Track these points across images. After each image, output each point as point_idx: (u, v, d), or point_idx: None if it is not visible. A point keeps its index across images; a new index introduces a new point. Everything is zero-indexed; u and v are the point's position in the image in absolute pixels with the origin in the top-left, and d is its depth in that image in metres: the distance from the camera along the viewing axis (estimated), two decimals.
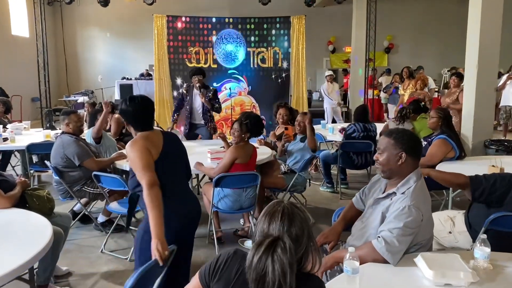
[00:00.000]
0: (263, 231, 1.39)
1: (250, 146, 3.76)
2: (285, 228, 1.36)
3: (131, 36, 14.18)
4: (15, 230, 2.42)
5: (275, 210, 1.42)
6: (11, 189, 2.90)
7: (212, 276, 1.52)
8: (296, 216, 1.40)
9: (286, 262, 1.26)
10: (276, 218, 1.38)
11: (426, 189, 2.10)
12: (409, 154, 2.04)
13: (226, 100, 9.14)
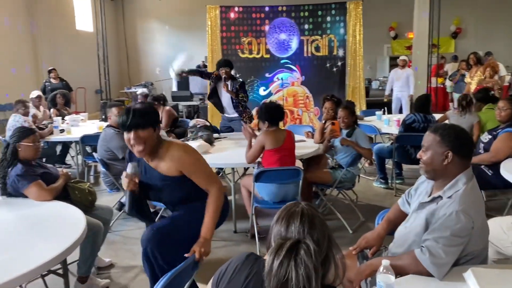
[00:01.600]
0: (280, 234, 1.26)
1: (281, 132, 3.64)
2: (305, 230, 1.23)
3: (188, 28, 14.37)
4: (51, 223, 2.45)
5: (293, 211, 1.28)
6: (54, 182, 2.96)
7: (221, 281, 1.41)
8: (316, 218, 1.27)
9: (311, 266, 1.13)
10: (295, 220, 1.25)
11: (479, 192, 1.83)
12: (457, 153, 1.79)
13: (278, 91, 8.98)
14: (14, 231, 2.33)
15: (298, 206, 1.30)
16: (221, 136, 4.86)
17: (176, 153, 2.38)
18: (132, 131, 2.27)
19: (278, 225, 1.29)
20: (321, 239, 1.23)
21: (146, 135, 2.29)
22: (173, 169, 2.38)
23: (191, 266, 1.95)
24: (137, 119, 2.27)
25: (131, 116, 2.27)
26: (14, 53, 10.01)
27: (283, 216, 1.29)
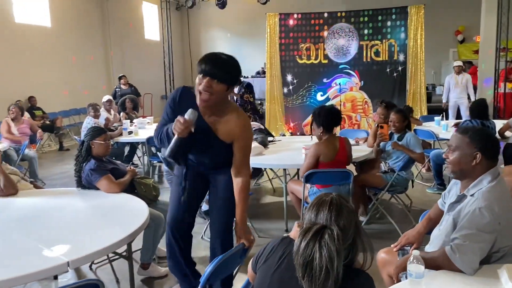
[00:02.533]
0: (310, 220, 1.41)
1: (335, 141, 3.58)
2: (332, 218, 1.36)
3: (248, 35, 14.75)
4: (118, 212, 2.73)
5: (323, 200, 1.42)
6: (122, 177, 3.27)
7: (259, 261, 1.58)
8: (343, 207, 1.39)
9: (333, 248, 1.26)
10: (324, 208, 1.39)
11: (506, 189, 1.85)
12: (485, 154, 1.83)
13: (336, 96, 9.01)
14: (86, 218, 2.65)
15: (328, 196, 1.43)
16: (275, 139, 5.03)
17: (244, 122, 2.34)
18: (207, 77, 2.12)
19: (309, 212, 1.43)
20: (347, 226, 1.35)
21: (218, 88, 2.14)
22: (231, 133, 2.30)
23: (239, 253, 2.12)
24: (217, 69, 2.12)
25: (213, 64, 2.13)
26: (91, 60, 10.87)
27: (314, 204, 1.43)
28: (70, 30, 10.23)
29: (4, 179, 2.96)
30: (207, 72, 2.12)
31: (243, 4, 13.02)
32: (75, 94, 10.17)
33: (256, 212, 4.71)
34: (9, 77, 8.43)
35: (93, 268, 3.42)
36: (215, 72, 2.12)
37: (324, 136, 3.56)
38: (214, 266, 1.84)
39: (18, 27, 8.70)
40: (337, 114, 3.60)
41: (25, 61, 8.81)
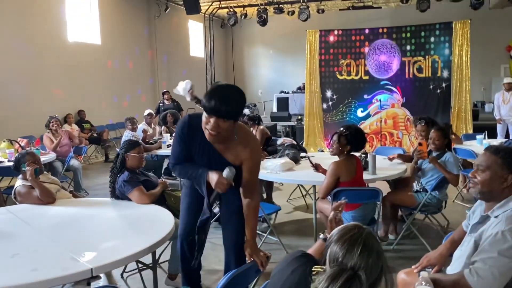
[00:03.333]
0: (337, 259, 1.33)
1: (352, 159, 3.57)
2: (363, 263, 1.29)
3: (289, 51, 14.87)
4: (145, 222, 2.84)
5: (356, 239, 1.34)
6: (153, 188, 3.39)
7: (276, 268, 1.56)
8: (374, 252, 1.32)
9: None
10: (356, 249, 1.31)
11: None
12: None
13: (376, 113, 8.86)
14: (115, 227, 2.78)
15: (362, 234, 1.35)
16: (308, 155, 5.02)
17: (252, 144, 2.40)
18: (214, 117, 2.13)
19: (337, 246, 1.34)
20: (374, 271, 1.29)
21: (225, 126, 2.17)
22: (239, 157, 2.35)
23: (255, 269, 2.15)
24: (224, 108, 2.11)
25: (220, 102, 2.10)
26: (138, 76, 11.36)
27: (344, 240, 1.34)
28: (119, 47, 10.74)
29: (40, 189, 3.16)
30: (214, 111, 2.11)
31: (284, 21, 13.18)
32: (122, 108, 10.62)
33: (286, 229, 4.70)
34: (61, 92, 8.95)
35: (124, 277, 3.54)
36: (221, 112, 2.11)
37: (345, 154, 3.55)
38: (227, 280, 1.87)
39: (71, 45, 9.26)
40: (364, 135, 3.65)
41: (76, 76, 9.33)
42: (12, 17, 7.91)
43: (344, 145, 3.52)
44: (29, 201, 3.18)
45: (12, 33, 7.89)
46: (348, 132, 3.53)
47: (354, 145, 3.53)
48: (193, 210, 2.61)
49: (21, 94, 7.98)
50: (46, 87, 8.64)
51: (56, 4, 8.95)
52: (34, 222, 2.78)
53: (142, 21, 11.72)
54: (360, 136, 3.58)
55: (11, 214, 2.96)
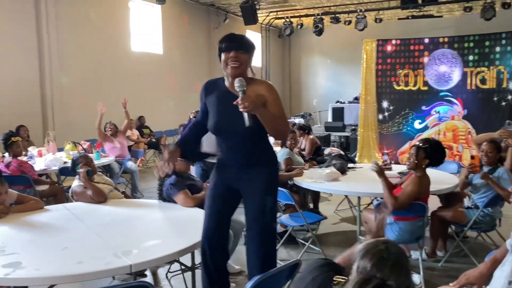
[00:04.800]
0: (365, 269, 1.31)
1: (428, 176, 3.41)
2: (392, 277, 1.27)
3: (346, 61, 14.70)
4: (187, 224, 2.95)
5: (385, 255, 1.32)
6: (198, 192, 3.51)
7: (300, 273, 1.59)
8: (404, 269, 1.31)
9: None
10: (385, 265, 1.29)
11: None
12: None
13: (435, 125, 8.53)
14: (158, 228, 2.92)
15: (392, 250, 1.32)
16: (356, 166, 4.95)
17: (268, 84, 2.52)
18: (232, 51, 2.37)
19: (365, 260, 1.32)
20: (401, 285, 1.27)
21: (243, 58, 2.38)
22: (258, 89, 2.42)
23: (285, 274, 2.15)
24: (238, 42, 2.41)
25: (232, 39, 2.42)
26: (196, 84, 11.72)
27: (373, 254, 1.32)
28: (179, 57, 11.19)
29: (92, 189, 3.38)
30: (231, 46, 2.39)
31: (341, 31, 13.06)
32: (180, 115, 11.02)
33: (331, 239, 4.65)
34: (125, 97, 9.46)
35: (168, 276, 3.68)
36: (237, 45, 2.39)
37: (422, 169, 3.38)
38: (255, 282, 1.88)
39: (134, 54, 9.79)
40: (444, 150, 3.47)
41: (138, 84, 9.83)
42: (82, 28, 8.51)
43: (422, 159, 3.34)
44: (83, 199, 3.42)
45: (81, 42, 8.49)
46: (427, 145, 3.36)
47: (433, 160, 3.37)
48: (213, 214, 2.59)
49: (86, 99, 8.53)
50: (111, 94, 9.18)
51: (122, 16, 9.51)
52: (86, 219, 2.98)
53: (202, 31, 12.13)
54: (440, 150, 3.41)
55: (67, 211, 3.20)
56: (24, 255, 2.28)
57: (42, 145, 6.49)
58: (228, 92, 2.46)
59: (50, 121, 7.91)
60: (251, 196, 2.50)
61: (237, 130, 2.40)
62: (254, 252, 2.51)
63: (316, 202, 5.06)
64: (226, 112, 2.45)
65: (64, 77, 8.13)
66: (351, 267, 1.42)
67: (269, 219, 2.52)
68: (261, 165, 2.50)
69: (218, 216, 2.58)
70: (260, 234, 2.49)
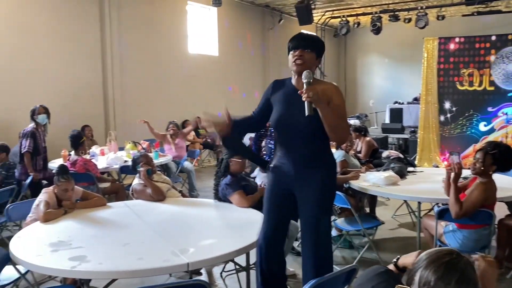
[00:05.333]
0: (427, 282, 1.24)
1: (494, 182, 3.20)
2: None
3: (406, 60, 14.19)
4: (243, 224, 2.95)
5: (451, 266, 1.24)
6: (253, 193, 3.52)
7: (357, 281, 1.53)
8: (472, 283, 1.22)
9: None
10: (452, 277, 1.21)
11: None
12: None
13: (502, 127, 8.01)
14: (214, 227, 2.94)
15: (459, 262, 1.24)
16: (416, 170, 4.74)
17: (334, 85, 2.49)
18: (298, 49, 2.41)
19: (429, 271, 1.25)
20: None
21: (309, 57, 2.41)
22: (324, 88, 2.38)
23: (342, 279, 2.10)
24: (305, 41, 2.44)
25: (301, 38, 2.46)
26: (251, 86, 11.84)
27: (439, 265, 1.25)
28: (234, 58, 11.32)
29: (152, 188, 3.48)
30: (297, 45, 2.43)
31: (400, 29, 12.62)
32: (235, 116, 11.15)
33: (388, 245, 4.51)
34: (181, 99, 9.74)
35: (223, 276, 3.72)
36: (304, 44, 2.42)
37: (489, 176, 3.19)
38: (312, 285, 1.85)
39: (190, 56, 10.03)
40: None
41: (194, 85, 10.06)
42: (142, 31, 8.84)
43: (490, 164, 3.15)
44: (143, 197, 3.54)
45: (141, 45, 8.82)
46: (496, 150, 3.16)
47: (501, 166, 3.18)
48: (270, 217, 2.58)
49: (145, 100, 8.86)
50: (168, 94, 9.47)
51: (180, 19, 9.78)
52: (145, 216, 3.08)
53: (256, 33, 12.20)
54: (510, 156, 3.20)
55: (128, 208, 3.32)
56: (88, 249, 2.39)
57: (104, 144, 6.80)
58: (294, 90, 2.45)
59: (112, 121, 8.28)
60: (306, 199, 2.46)
61: (298, 127, 2.41)
62: (309, 256, 2.47)
63: (372, 206, 4.92)
64: (290, 108, 2.46)
65: (125, 78, 8.49)
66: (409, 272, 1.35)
67: (325, 223, 2.49)
68: (318, 168, 2.46)
69: (275, 219, 2.57)
70: (316, 238, 2.45)
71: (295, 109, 2.38)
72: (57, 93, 7.29)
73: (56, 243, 2.49)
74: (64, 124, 6.60)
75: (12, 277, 2.65)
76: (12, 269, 2.61)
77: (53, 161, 5.62)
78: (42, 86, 7.10)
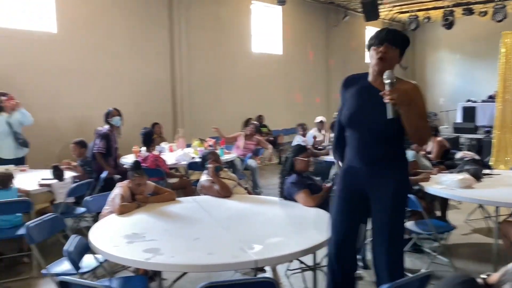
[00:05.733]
0: None
1: None
2: None
3: (480, 56, 13.38)
4: (309, 223, 2.93)
5: None
6: (318, 193, 3.49)
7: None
8: None
9: None
10: None
11: None
12: None
13: None
14: (280, 225, 2.96)
15: None
16: (493, 172, 4.44)
17: (416, 86, 2.36)
18: (381, 45, 2.28)
19: None
20: None
21: (392, 54, 2.29)
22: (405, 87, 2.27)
23: (416, 286, 2.02)
24: (389, 37, 2.29)
25: (385, 33, 2.31)
26: (313, 83, 11.76)
27: None
28: (298, 56, 11.28)
29: (219, 184, 3.56)
30: (383, 40, 2.28)
31: (474, 23, 11.92)
32: (296, 114, 11.12)
33: (461, 251, 4.29)
34: (244, 97, 9.87)
35: (288, 274, 3.72)
36: (391, 39, 2.29)
37: None
38: None
39: (253, 55, 10.14)
40: None
41: (258, 84, 10.16)
42: (209, 31, 9.07)
43: None
44: (210, 193, 3.62)
45: (208, 45, 9.06)
46: None
47: None
48: (341, 220, 2.52)
49: (211, 98, 9.09)
50: (232, 93, 9.64)
51: (244, 18, 9.91)
52: (213, 212, 3.15)
53: (320, 30, 12.07)
54: None
55: (196, 203, 3.42)
56: (161, 242, 2.49)
57: (171, 141, 7.06)
58: (370, 86, 2.38)
59: (180, 119, 8.58)
60: (379, 201, 2.39)
61: (372, 125, 2.33)
62: (380, 261, 2.41)
63: (444, 209, 4.68)
64: (364, 105, 2.37)
65: (192, 77, 8.76)
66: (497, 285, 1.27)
67: (398, 227, 2.40)
68: (392, 169, 2.38)
69: (347, 221, 2.52)
70: (388, 242, 2.39)
71: (370, 108, 2.31)
72: (130, 92, 7.68)
73: (130, 235, 2.62)
74: (135, 122, 6.94)
75: (91, 265, 2.83)
76: (90, 258, 2.79)
77: (125, 156, 5.93)
78: (116, 85, 7.52)
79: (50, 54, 6.68)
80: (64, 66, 6.82)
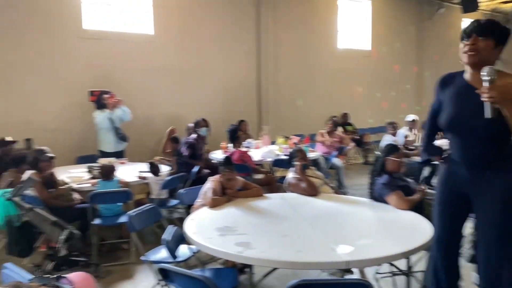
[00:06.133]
0: None
1: None
2: None
3: None
4: (402, 227, 2.80)
5: None
6: (411, 195, 3.32)
7: None
8: None
9: None
10: None
11: None
12: None
13: None
14: (371, 227, 2.87)
15: None
16: None
17: None
18: (471, 37, 2.12)
19: None
20: None
21: (483, 45, 2.10)
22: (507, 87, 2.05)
23: None
24: (479, 26, 2.13)
25: (474, 23, 2.15)
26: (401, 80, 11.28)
27: None
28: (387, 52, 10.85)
29: (306, 183, 3.54)
30: (470, 31, 2.12)
31: None
32: (382, 112, 10.72)
33: None
34: (330, 95, 9.74)
35: (377, 277, 3.59)
36: (478, 29, 2.10)
37: None
38: None
39: (339, 52, 9.93)
40: None
41: (343, 81, 9.96)
42: (295, 29, 9.07)
43: None
44: (297, 191, 3.62)
45: (294, 43, 9.06)
46: None
47: None
48: (443, 224, 2.41)
49: (296, 96, 9.09)
50: (317, 90, 9.55)
51: (330, 15, 9.75)
52: (300, 209, 3.15)
53: (412, 24, 11.48)
54: None
55: (284, 200, 3.44)
56: (252, 237, 2.54)
57: (256, 138, 7.18)
58: (467, 85, 2.23)
59: (265, 116, 8.69)
60: (483, 205, 2.23)
61: (474, 127, 2.17)
62: (482, 271, 2.27)
63: None
64: (463, 106, 2.22)
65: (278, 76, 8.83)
66: None
67: (503, 235, 2.20)
68: (499, 171, 2.19)
69: (448, 226, 2.41)
70: (488, 250, 2.22)
71: (469, 108, 2.15)
72: (218, 91, 7.95)
73: (222, 228, 2.70)
74: (223, 119, 7.16)
75: (186, 254, 2.97)
76: (185, 248, 2.92)
77: (214, 152, 6.15)
78: (205, 84, 7.82)
79: (148, 55, 7.12)
80: (160, 66, 7.24)
